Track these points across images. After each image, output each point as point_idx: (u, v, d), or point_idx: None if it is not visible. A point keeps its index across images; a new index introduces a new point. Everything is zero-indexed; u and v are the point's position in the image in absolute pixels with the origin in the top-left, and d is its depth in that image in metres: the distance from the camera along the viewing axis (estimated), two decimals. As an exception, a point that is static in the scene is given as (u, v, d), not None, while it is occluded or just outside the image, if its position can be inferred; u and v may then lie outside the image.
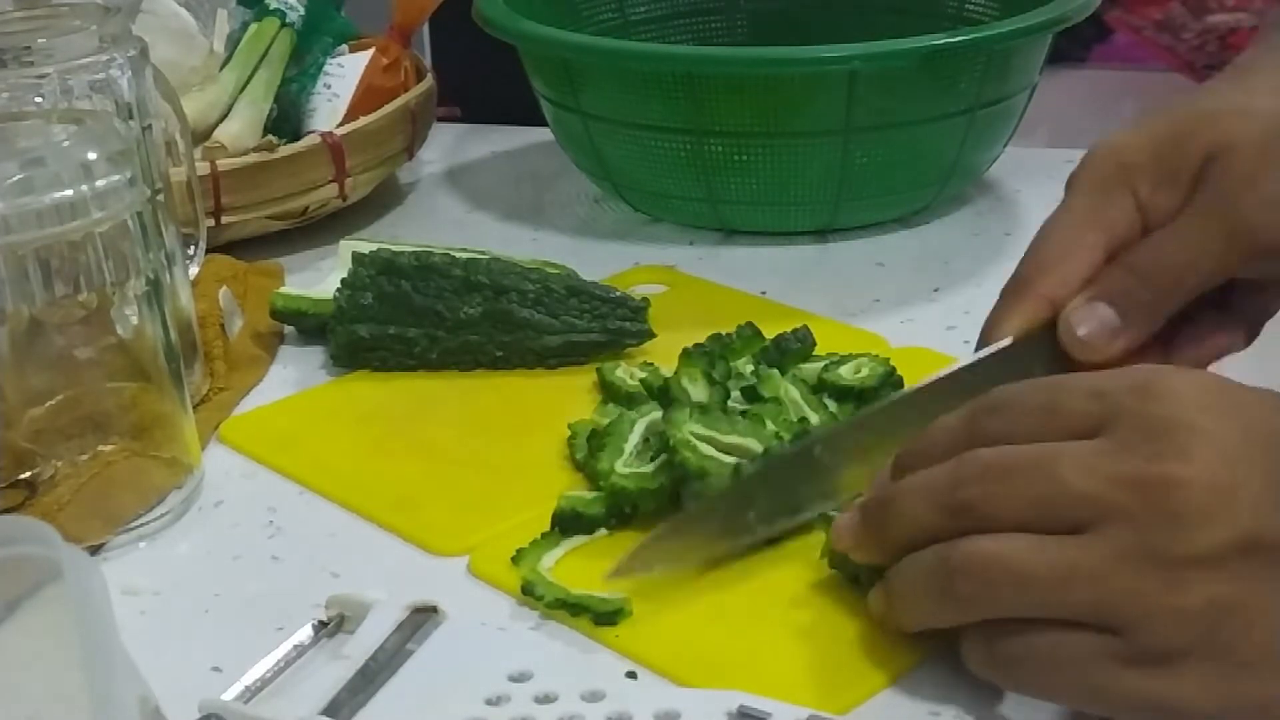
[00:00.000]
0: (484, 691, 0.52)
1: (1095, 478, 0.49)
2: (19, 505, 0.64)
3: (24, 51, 0.68)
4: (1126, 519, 0.48)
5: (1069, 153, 1.06)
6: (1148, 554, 0.48)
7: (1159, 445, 0.48)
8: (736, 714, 0.50)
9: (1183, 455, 0.48)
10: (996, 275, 0.88)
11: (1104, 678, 0.48)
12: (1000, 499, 0.50)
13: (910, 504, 0.53)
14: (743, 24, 1.09)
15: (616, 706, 0.51)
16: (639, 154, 0.92)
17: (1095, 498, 0.49)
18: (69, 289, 0.63)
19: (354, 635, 0.55)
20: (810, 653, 0.55)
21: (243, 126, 0.94)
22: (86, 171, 0.61)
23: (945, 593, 0.51)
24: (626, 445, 0.65)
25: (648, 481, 0.63)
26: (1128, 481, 0.48)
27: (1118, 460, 0.49)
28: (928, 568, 0.52)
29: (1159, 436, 0.49)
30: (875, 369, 0.70)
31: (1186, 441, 0.48)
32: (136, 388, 0.66)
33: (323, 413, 0.75)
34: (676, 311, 0.82)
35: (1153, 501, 0.48)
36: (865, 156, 0.89)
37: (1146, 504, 0.48)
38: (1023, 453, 0.51)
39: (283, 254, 0.93)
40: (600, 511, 0.63)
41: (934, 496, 0.52)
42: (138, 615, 0.60)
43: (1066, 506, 0.49)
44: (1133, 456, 0.49)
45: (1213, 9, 2.04)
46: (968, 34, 0.88)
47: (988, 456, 0.51)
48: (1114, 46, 2.14)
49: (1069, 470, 0.49)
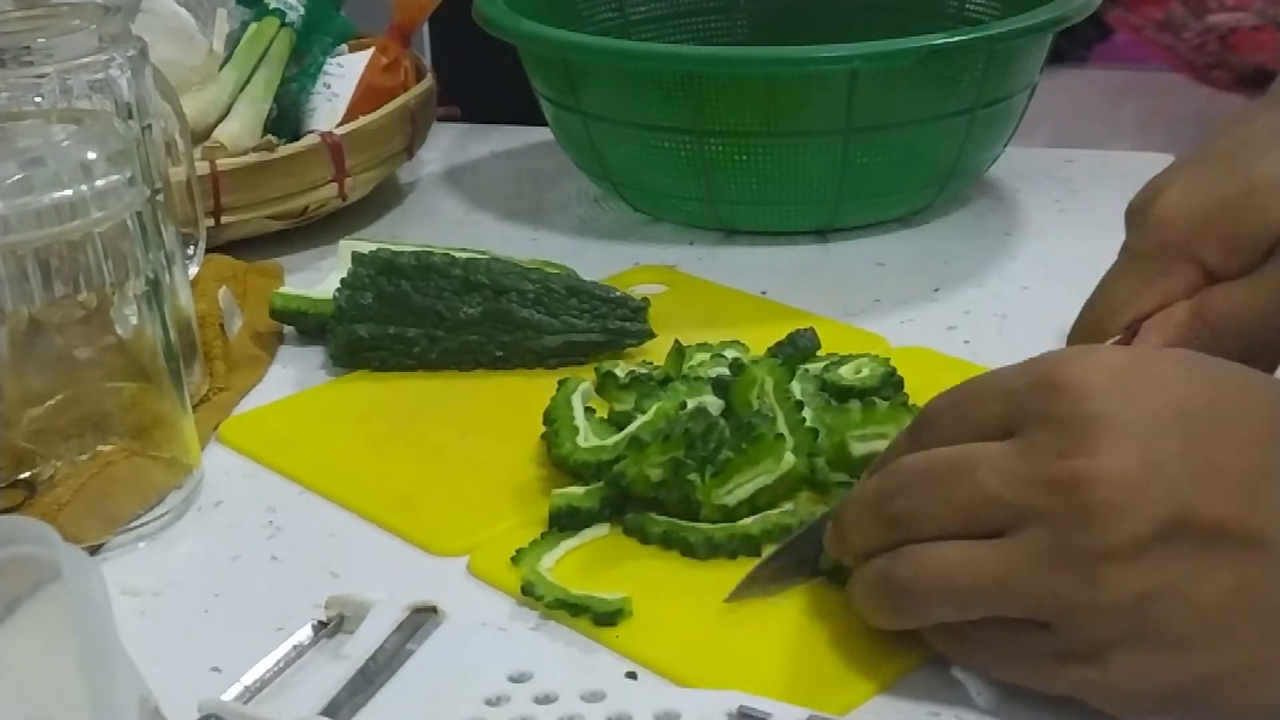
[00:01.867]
0: (484, 692, 0.52)
1: (1010, 481, 0.49)
2: (18, 505, 0.64)
3: (23, 51, 0.68)
4: (1043, 520, 0.49)
5: (1069, 153, 1.07)
6: (1066, 553, 0.48)
7: (1066, 441, 0.49)
8: (736, 714, 0.50)
9: (1090, 450, 0.48)
10: (996, 275, 0.89)
11: (1046, 671, 0.50)
12: (926, 509, 0.51)
13: (852, 517, 0.55)
14: (743, 24, 1.09)
15: (616, 707, 0.51)
16: (639, 154, 0.92)
17: (1010, 501, 0.49)
18: (69, 289, 0.63)
19: (354, 635, 0.55)
20: (810, 653, 0.55)
21: (242, 126, 0.94)
22: (86, 171, 0.61)
23: (894, 606, 0.53)
24: (576, 422, 0.66)
25: (605, 453, 0.63)
26: (1040, 482, 0.49)
27: (1029, 461, 0.49)
28: (874, 581, 0.53)
29: (1066, 432, 0.49)
30: (875, 369, 0.70)
31: (1093, 434, 0.48)
32: (136, 388, 0.66)
33: (322, 413, 0.75)
34: (676, 311, 0.82)
35: (1065, 501, 0.48)
36: (865, 156, 0.89)
37: (1060, 503, 0.48)
38: (942, 459, 0.52)
39: (282, 254, 0.93)
40: (594, 504, 0.63)
41: (869, 511, 0.54)
42: (137, 615, 0.60)
43: (987, 511, 0.50)
44: (1043, 456, 0.49)
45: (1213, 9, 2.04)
46: (968, 34, 0.88)
47: (910, 465, 0.53)
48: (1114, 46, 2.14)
49: (985, 475, 0.50)
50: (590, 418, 0.67)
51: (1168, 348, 0.58)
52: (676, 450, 0.61)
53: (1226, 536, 0.48)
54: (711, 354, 0.73)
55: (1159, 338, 0.62)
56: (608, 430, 0.66)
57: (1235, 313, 0.62)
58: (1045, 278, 0.87)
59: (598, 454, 0.64)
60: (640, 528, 0.62)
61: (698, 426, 0.62)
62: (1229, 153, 0.64)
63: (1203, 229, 0.63)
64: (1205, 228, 0.63)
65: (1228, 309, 0.62)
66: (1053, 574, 0.48)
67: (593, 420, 0.67)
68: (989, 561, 0.50)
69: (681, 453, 0.61)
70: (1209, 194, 0.63)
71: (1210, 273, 0.63)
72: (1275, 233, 0.61)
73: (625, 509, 0.63)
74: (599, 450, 0.64)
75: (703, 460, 0.62)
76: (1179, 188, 0.64)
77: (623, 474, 0.62)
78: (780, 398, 0.65)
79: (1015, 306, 0.84)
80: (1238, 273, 0.62)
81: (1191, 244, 0.63)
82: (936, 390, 0.55)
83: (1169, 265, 0.63)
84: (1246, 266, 0.62)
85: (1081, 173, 1.03)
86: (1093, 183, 1.01)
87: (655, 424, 0.64)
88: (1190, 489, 0.48)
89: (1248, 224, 0.62)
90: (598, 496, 0.63)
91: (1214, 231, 0.62)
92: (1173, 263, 0.63)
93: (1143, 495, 0.48)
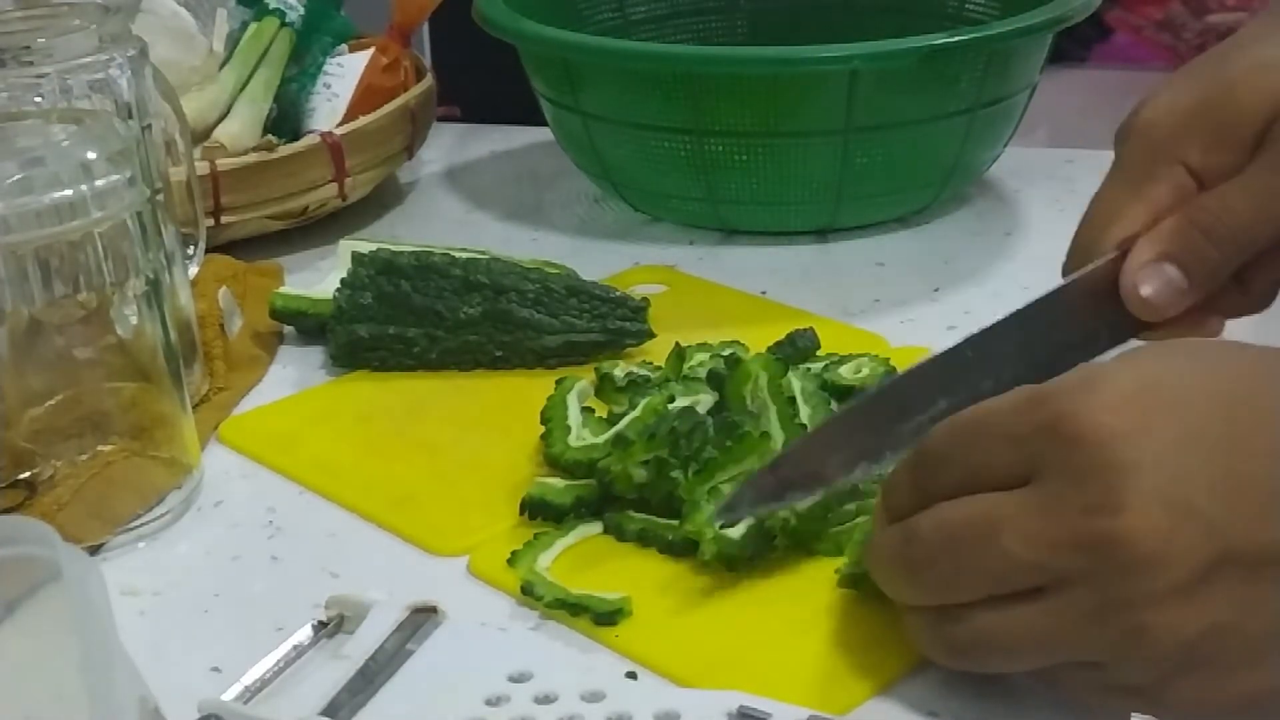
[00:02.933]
0: (484, 692, 0.52)
1: (1036, 544, 0.48)
2: (18, 505, 0.64)
3: (23, 51, 0.68)
4: (1081, 580, 0.48)
5: (1069, 153, 1.07)
6: (1110, 609, 0.47)
7: (1089, 496, 0.47)
8: (736, 714, 0.50)
9: (1115, 505, 0.46)
10: (996, 275, 0.89)
11: (1094, 700, 0.50)
12: (957, 580, 0.50)
13: (887, 578, 0.53)
14: (743, 24, 1.09)
15: (616, 707, 0.51)
16: (639, 154, 0.92)
17: (1041, 566, 0.48)
18: (69, 289, 0.63)
19: (354, 635, 0.55)
20: (810, 653, 0.55)
21: (242, 126, 0.94)
22: (86, 171, 0.61)
23: (952, 659, 0.52)
24: (570, 421, 0.66)
25: (595, 452, 0.63)
26: (1070, 545, 0.47)
27: (1052, 521, 0.48)
28: (930, 638, 0.52)
29: (1086, 486, 0.47)
30: (875, 369, 0.70)
31: (1116, 485, 0.47)
32: (136, 388, 0.66)
33: (322, 413, 0.75)
34: (676, 311, 0.82)
35: (1100, 561, 0.47)
36: (865, 156, 0.89)
37: (1095, 564, 0.47)
38: (958, 523, 0.50)
39: (282, 254, 0.93)
40: (567, 501, 0.63)
41: (900, 575, 0.52)
42: (137, 615, 0.60)
43: (1019, 577, 0.49)
44: (1066, 513, 0.47)
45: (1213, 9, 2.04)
46: (968, 34, 0.88)
47: (926, 533, 0.51)
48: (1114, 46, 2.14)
49: (1009, 541, 0.48)
50: (588, 417, 0.67)
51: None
52: (661, 449, 0.61)
53: (1268, 560, 0.47)
54: (711, 354, 0.73)
55: (1151, 251, 0.60)
56: (604, 429, 0.66)
57: (1227, 215, 0.59)
58: (1045, 278, 0.86)
59: (588, 453, 0.64)
60: (618, 525, 0.62)
61: (684, 425, 0.62)
62: (1213, 56, 0.62)
63: (1185, 129, 0.60)
64: (1187, 127, 0.60)
65: (1219, 212, 0.59)
66: (1099, 630, 0.48)
67: (590, 419, 0.67)
68: (1031, 623, 0.49)
69: (666, 451, 0.61)
70: (1189, 94, 0.61)
71: (1197, 174, 0.60)
72: (1256, 124, 0.59)
73: (606, 507, 0.63)
74: (590, 449, 0.64)
75: (686, 459, 0.62)
76: (1162, 95, 0.62)
77: (607, 472, 0.62)
78: (774, 393, 0.65)
79: (1015, 306, 0.83)
80: (1225, 172, 0.60)
81: (1175, 146, 0.60)
82: (936, 390, 0.55)
83: (1154, 170, 0.61)
84: (1231, 165, 0.59)
85: (1081, 173, 1.03)
86: (1093, 183, 1.00)
87: (644, 419, 0.64)
88: (1224, 522, 0.47)
89: (1228, 119, 0.59)
90: (573, 494, 0.63)
91: (1196, 130, 0.60)
92: (1158, 167, 0.61)
93: (1177, 541, 0.46)
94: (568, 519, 0.63)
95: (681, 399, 0.66)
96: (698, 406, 0.66)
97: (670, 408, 0.65)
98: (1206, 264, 0.59)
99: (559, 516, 0.63)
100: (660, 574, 0.60)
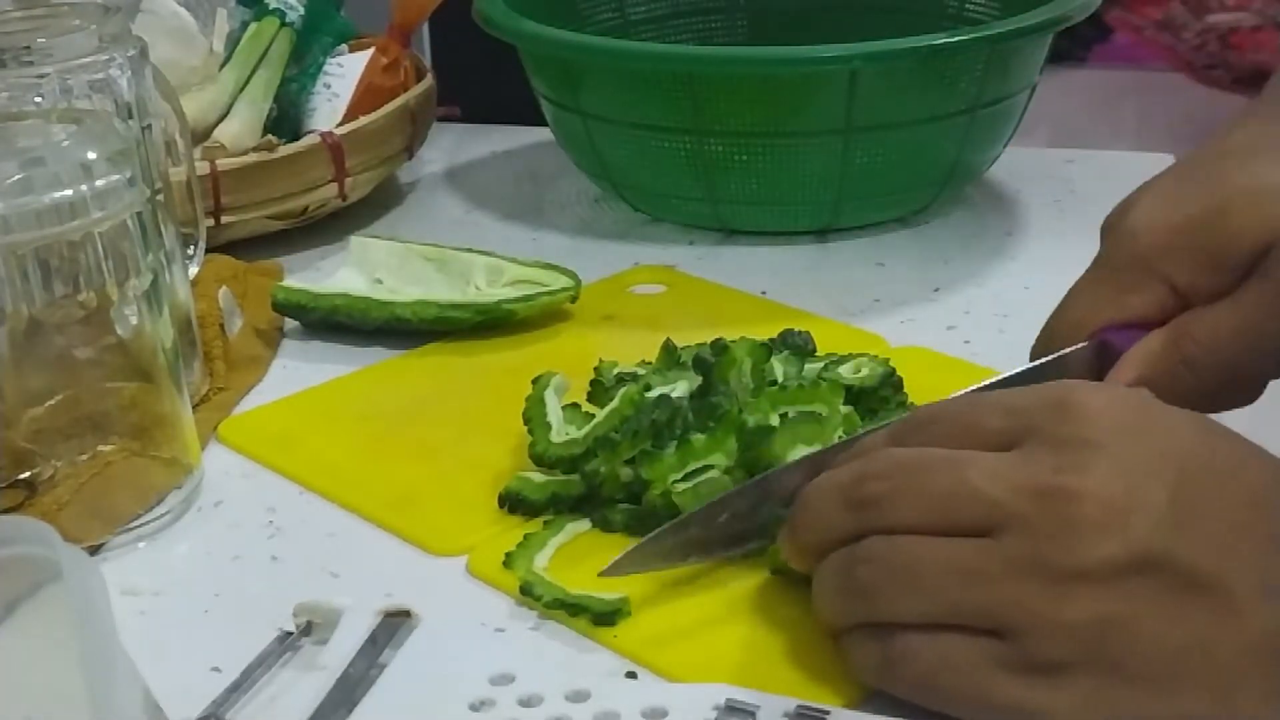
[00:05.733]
0: (468, 696, 0.52)
1: (998, 483, 0.49)
2: (18, 505, 0.64)
3: (23, 51, 0.68)
4: (1023, 527, 0.49)
5: (1069, 153, 1.07)
6: (1040, 564, 0.48)
7: (1062, 459, 0.49)
8: (724, 708, 0.50)
9: (1083, 469, 0.49)
10: (996, 275, 0.89)
11: (987, 683, 0.49)
12: (904, 495, 0.51)
13: (819, 500, 0.54)
14: (743, 24, 1.09)
15: (604, 705, 0.51)
16: (639, 154, 0.92)
17: (995, 502, 0.49)
18: (69, 289, 0.63)
19: (327, 645, 0.54)
20: (807, 651, 0.55)
21: (242, 126, 0.94)
22: (86, 171, 0.61)
23: (848, 586, 0.52)
24: (550, 418, 0.66)
25: (577, 446, 0.64)
26: (1027, 490, 0.49)
27: (1022, 470, 0.49)
28: (835, 565, 0.53)
29: (1064, 452, 0.49)
30: (875, 369, 0.70)
31: (1090, 457, 0.49)
32: (136, 388, 0.66)
33: (322, 412, 0.75)
34: (676, 312, 0.82)
35: (1048, 512, 0.48)
36: (865, 156, 0.89)
37: (1042, 514, 0.48)
38: (933, 454, 0.52)
39: (282, 254, 0.93)
40: (542, 497, 0.64)
41: (841, 492, 0.53)
42: (137, 615, 0.60)
43: (968, 507, 0.50)
44: (1037, 467, 0.49)
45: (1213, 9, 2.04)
46: (968, 34, 0.88)
47: (897, 454, 0.52)
48: (1114, 46, 2.14)
49: (975, 474, 0.50)
50: (570, 411, 0.67)
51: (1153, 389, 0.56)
52: (645, 443, 0.62)
53: (1197, 585, 0.48)
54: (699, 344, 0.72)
55: (1133, 371, 0.60)
56: (586, 421, 0.66)
57: (1213, 339, 0.59)
58: (1045, 278, 0.86)
59: (570, 448, 0.64)
60: (604, 518, 0.63)
61: (663, 414, 0.63)
62: (1204, 166, 0.61)
63: (1173, 247, 0.60)
64: (1175, 244, 0.60)
65: (1205, 336, 0.59)
66: (1022, 581, 0.48)
67: (571, 413, 0.67)
68: (960, 559, 0.49)
69: (649, 444, 0.62)
70: (1180, 209, 0.60)
71: (1181, 292, 0.60)
72: (1249, 251, 0.58)
73: (590, 501, 0.63)
74: (571, 444, 0.64)
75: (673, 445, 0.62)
76: (1151, 202, 0.61)
77: (595, 474, 0.62)
78: (757, 378, 0.65)
79: (1015, 306, 0.84)
80: (1210, 294, 0.59)
81: (1160, 262, 0.60)
82: (936, 390, 0.56)
83: (1137, 280, 0.60)
84: (1219, 287, 0.59)
85: (1081, 173, 1.03)
86: (1093, 183, 1.01)
87: (622, 410, 0.64)
88: (1171, 530, 0.48)
89: (1219, 242, 0.59)
90: (549, 489, 0.64)
91: (1184, 248, 0.60)
92: (1141, 278, 0.60)
93: (1124, 522, 0.48)
94: (545, 513, 0.63)
95: (658, 387, 0.66)
96: (673, 393, 0.66)
97: (647, 396, 0.65)
98: (1184, 390, 0.59)
99: (536, 511, 0.63)
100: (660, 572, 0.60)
